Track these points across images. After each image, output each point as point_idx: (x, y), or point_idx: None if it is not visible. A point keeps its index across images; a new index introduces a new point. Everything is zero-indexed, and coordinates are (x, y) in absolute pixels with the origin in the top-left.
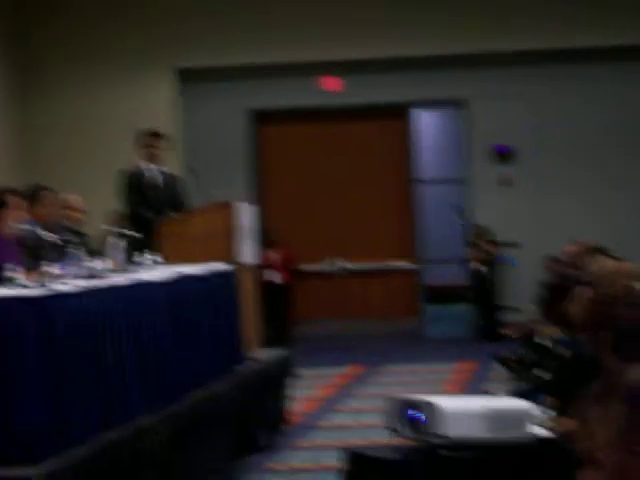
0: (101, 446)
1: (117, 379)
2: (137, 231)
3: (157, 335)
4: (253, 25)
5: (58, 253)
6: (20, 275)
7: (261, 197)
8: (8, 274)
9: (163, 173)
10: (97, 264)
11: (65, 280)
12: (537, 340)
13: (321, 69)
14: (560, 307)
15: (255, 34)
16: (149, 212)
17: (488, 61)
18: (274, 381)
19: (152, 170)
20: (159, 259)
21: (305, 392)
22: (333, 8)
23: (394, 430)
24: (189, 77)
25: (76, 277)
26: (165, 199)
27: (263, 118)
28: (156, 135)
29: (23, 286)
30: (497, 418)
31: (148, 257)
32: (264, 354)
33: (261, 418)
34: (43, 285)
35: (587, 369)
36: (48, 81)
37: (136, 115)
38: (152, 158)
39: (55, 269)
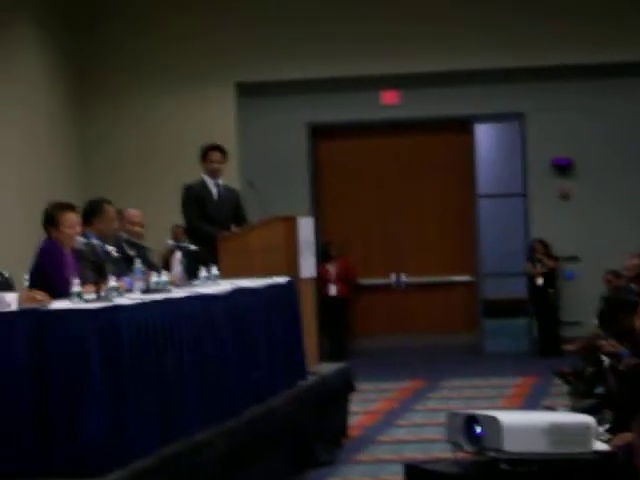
0: (160, 459)
1: (176, 393)
2: (197, 245)
3: (216, 349)
4: (312, 39)
5: (119, 267)
6: (82, 289)
7: (320, 211)
8: (75, 289)
9: (222, 187)
10: (158, 277)
11: (126, 293)
12: (597, 354)
13: (380, 83)
14: (621, 321)
15: (314, 48)
16: (208, 226)
17: (546, 74)
18: (334, 395)
19: (211, 184)
20: (219, 273)
21: (365, 406)
22: (392, 22)
23: (455, 444)
24: (248, 91)
25: (137, 290)
26: (225, 213)
27: (322, 132)
28: (215, 149)
29: (86, 300)
30: (557, 433)
31: (208, 271)
32: (324, 368)
33: (321, 432)
34: (105, 298)
35: None
36: (107, 94)
37: (195, 129)
38: (212, 172)
39: (117, 282)
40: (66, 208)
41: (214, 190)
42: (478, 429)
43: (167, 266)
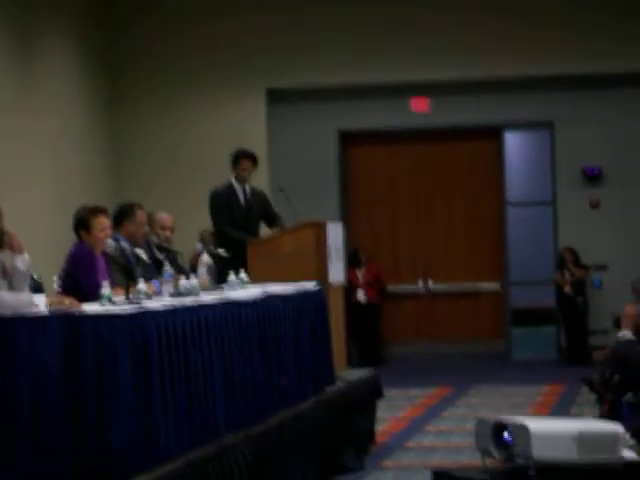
0: (187, 463)
1: (204, 397)
2: (226, 249)
3: (245, 354)
4: (343, 46)
5: (149, 270)
6: (112, 292)
7: (349, 217)
8: (104, 292)
9: (249, 191)
10: (187, 282)
11: (156, 297)
12: (623, 361)
13: (410, 90)
14: None
15: (344, 55)
16: (237, 231)
17: (577, 83)
18: (361, 401)
19: (239, 189)
20: (248, 277)
21: (392, 412)
22: (422, 30)
23: (484, 451)
24: (279, 98)
25: (166, 294)
26: (252, 217)
27: (352, 139)
28: (247, 157)
29: (115, 303)
30: (586, 440)
31: (237, 276)
32: (351, 374)
33: (348, 438)
34: (135, 302)
35: None
36: (138, 100)
37: (226, 134)
38: (240, 177)
39: (146, 286)
40: (98, 212)
41: (241, 196)
42: (507, 436)
43: (194, 270)
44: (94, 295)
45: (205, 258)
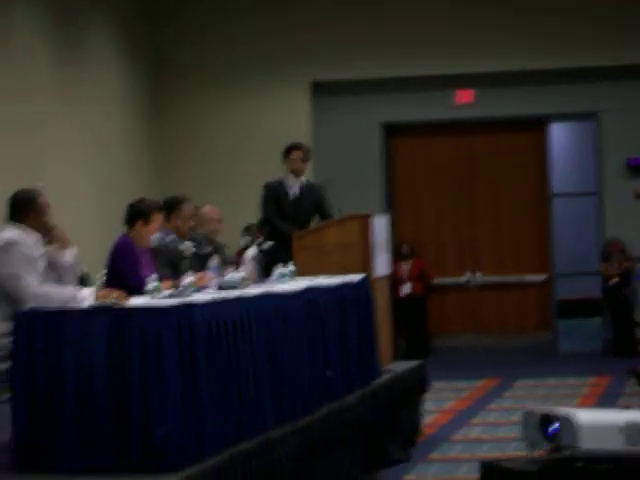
0: (233, 456)
1: (250, 390)
2: (273, 241)
3: (290, 347)
4: (387, 39)
5: (195, 264)
6: (159, 285)
7: (393, 209)
8: (150, 285)
9: (304, 185)
10: (233, 275)
11: (202, 291)
12: None
13: (455, 82)
14: None
15: (389, 48)
16: (282, 222)
17: (622, 74)
18: (408, 394)
19: (291, 182)
20: (294, 270)
21: (439, 405)
22: (467, 23)
23: (530, 443)
24: (323, 90)
25: (213, 287)
26: (303, 211)
27: (396, 131)
28: (296, 148)
29: (162, 296)
30: (633, 432)
31: (283, 268)
32: (398, 367)
33: (395, 431)
34: (181, 295)
35: None
36: (182, 91)
37: (270, 127)
38: (293, 170)
39: (193, 279)
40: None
41: (293, 188)
42: (554, 427)
43: (240, 263)
44: (138, 288)
45: (251, 251)
